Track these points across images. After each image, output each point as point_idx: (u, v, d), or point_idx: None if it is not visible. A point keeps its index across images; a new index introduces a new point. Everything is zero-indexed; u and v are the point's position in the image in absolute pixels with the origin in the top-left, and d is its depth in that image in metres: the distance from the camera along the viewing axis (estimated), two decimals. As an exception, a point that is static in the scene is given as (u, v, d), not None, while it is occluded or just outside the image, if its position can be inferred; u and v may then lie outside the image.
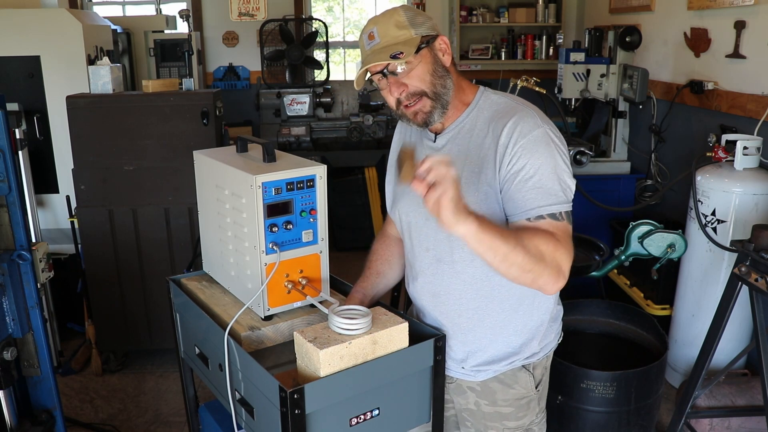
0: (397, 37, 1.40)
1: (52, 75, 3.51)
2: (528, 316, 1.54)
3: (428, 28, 1.43)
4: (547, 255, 1.31)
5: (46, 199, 3.65)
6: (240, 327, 1.54)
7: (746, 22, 3.00)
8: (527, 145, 1.37)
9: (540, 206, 1.36)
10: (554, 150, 1.39)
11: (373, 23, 1.44)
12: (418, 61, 1.41)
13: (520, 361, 1.57)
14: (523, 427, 1.62)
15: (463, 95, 1.50)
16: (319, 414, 1.31)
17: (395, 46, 1.39)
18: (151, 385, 3.19)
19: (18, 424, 1.86)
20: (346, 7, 6.76)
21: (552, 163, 1.38)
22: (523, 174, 1.37)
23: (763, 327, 2.07)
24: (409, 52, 1.38)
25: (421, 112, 1.45)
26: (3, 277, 1.77)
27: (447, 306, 1.54)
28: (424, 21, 1.43)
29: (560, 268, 1.34)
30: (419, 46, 1.40)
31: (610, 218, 3.74)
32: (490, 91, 1.52)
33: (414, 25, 1.42)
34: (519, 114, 1.41)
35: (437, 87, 1.43)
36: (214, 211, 1.69)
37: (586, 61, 3.85)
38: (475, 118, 1.48)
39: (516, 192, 1.38)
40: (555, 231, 1.35)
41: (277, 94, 5.06)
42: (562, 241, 1.35)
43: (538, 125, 1.40)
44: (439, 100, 1.44)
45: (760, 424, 2.49)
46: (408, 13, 1.43)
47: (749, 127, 2.85)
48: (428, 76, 1.42)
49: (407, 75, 1.42)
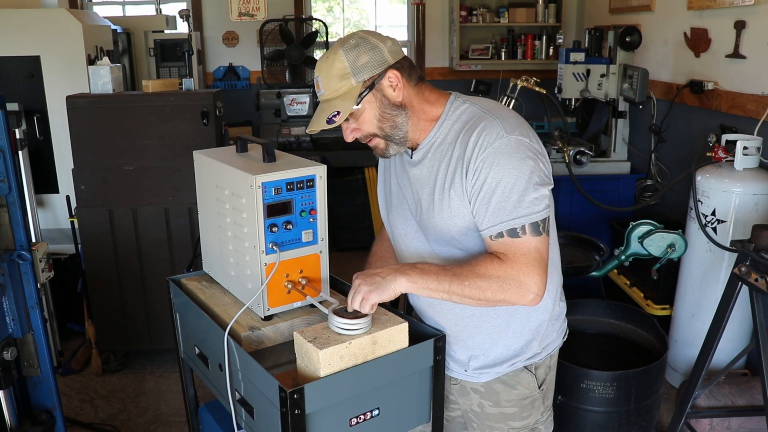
0: (337, 90, 1.41)
1: (52, 75, 3.51)
2: (525, 318, 1.55)
3: (373, 66, 1.40)
4: (494, 280, 1.35)
5: (46, 199, 3.65)
6: (240, 327, 1.54)
7: (746, 22, 3.00)
8: (487, 157, 1.36)
9: (500, 222, 1.36)
10: (518, 160, 1.36)
11: (318, 71, 1.43)
12: (363, 109, 1.43)
13: (522, 362, 1.58)
14: (529, 427, 1.63)
15: (431, 110, 1.48)
16: (319, 414, 1.31)
17: (335, 101, 1.41)
18: (151, 385, 3.19)
19: (18, 424, 1.86)
20: (346, 7, 6.76)
21: (514, 175, 1.35)
22: (485, 188, 1.37)
23: (763, 327, 2.07)
24: (348, 108, 1.40)
25: (378, 148, 1.50)
26: (3, 277, 1.77)
27: (444, 315, 1.56)
28: (368, 61, 1.40)
29: (521, 284, 1.35)
30: (361, 94, 1.41)
31: (610, 218, 3.74)
32: (460, 99, 1.49)
33: (355, 72, 1.39)
34: (483, 124, 1.39)
35: (386, 129, 1.45)
36: (214, 211, 1.69)
37: (586, 61, 3.85)
38: (446, 130, 1.46)
39: (479, 208, 1.39)
40: (507, 251, 1.36)
41: (277, 94, 5.06)
42: (515, 259, 1.35)
43: (500, 135, 1.36)
44: (392, 139, 1.47)
45: (760, 424, 2.49)
46: (350, 56, 1.39)
47: (749, 127, 2.85)
48: (375, 120, 1.45)
49: (357, 120, 1.45)
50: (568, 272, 1.70)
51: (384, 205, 1.69)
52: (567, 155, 3.66)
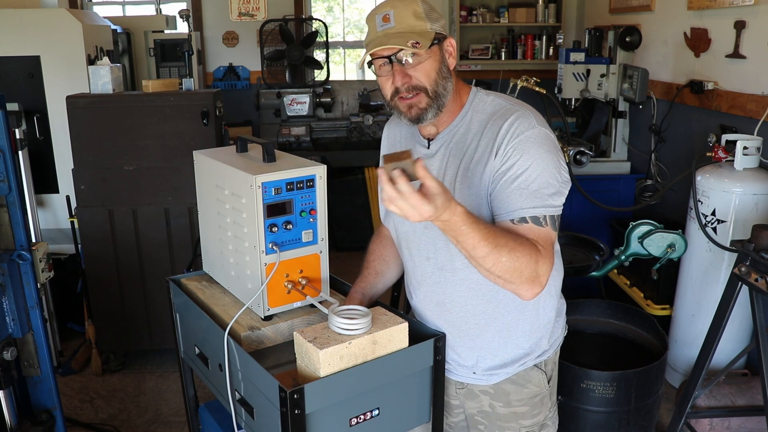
0: (413, 26, 1.37)
1: (52, 75, 3.50)
2: (535, 315, 1.54)
3: (441, 26, 1.42)
4: (526, 266, 1.30)
5: (46, 199, 3.65)
6: (240, 327, 1.54)
7: (746, 22, 3.00)
8: (518, 144, 1.36)
9: (523, 208, 1.35)
10: (546, 153, 1.37)
11: (389, 5, 1.39)
12: (428, 56, 1.39)
13: (532, 360, 1.57)
14: (539, 423, 1.62)
15: (459, 99, 1.48)
16: (319, 414, 1.31)
17: (411, 34, 1.36)
18: (151, 385, 3.19)
19: (18, 424, 1.86)
20: (346, 7, 6.75)
21: (542, 165, 1.35)
22: (510, 173, 1.36)
23: (763, 327, 2.07)
24: (425, 45, 1.36)
25: (417, 106, 1.41)
26: (3, 277, 1.77)
27: (452, 314, 1.53)
28: (438, 18, 1.42)
29: (539, 278, 1.33)
30: (432, 42, 1.38)
31: (610, 218, 3.74)
32: (483, 92, 1.50)
33: (430, 20, 1.39)
34: (516, 114, 1.40)
35: (439, 87, 1.41)
36: (214, 211, 1.69)
37: (586, 61, 3.86)
38: (469, 121, 1.46)
39: (501, 191, 1.37)
40: (537, 239, 1.34)
41: (277, 94, 5.06)
42: (543, 251, 1.33)
43: (533, 125, 1.38)
44: (437, 101, 1.42)
45: (760, 424, 2.49)
46: (425, 6, 1.41)
47: (749, 127, 2.85)
48: (434, 73, 1.40)
49: (414, 67, 1.39)
50: (568, 272, 1.69)
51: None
52: (567, 155, 3.66)
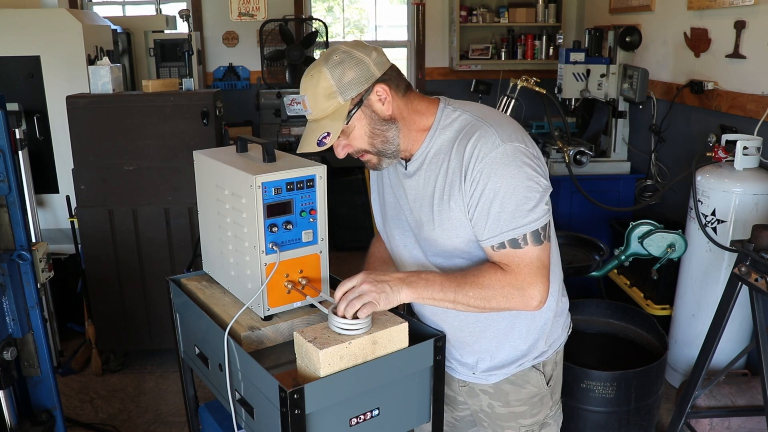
0: (325, 109, 1.37)
1: (52, 75, 3.50)
2: (530, 319, 1.55)
3: (360, 82, 1.37)
4: (498, 290, 1.36)
5: (46, 199, 3.65)
6: (240, 327, 1.54)
7: (746, 22, 3.00)
8: (484, 168, 1.35)
9: (501, 232, 1.36)
10: (515, 169, 1.35)
11: (303, 90, 1.39)
12: (353, 126, 1.41)
13: (530, 361, 1.58)
14: (539, 423, 1.64)
15: (422, 121, 1.46)
16: (319, 414, 1.31)
17: (323, 122, 1.38)
18: (151, 385, 3.19)
19: (18, 424, 1.86)
20: (346, 7, 6.75)
21: (513, 184, 1.34)
22: (483, 199, 1.36)
23: (763, 327, 2.07)
24: (338, 128, 1.37)
25: (370, 162, 1.49)
26: (3, 277, 1.77)
27: (448, 323, 1.56)
28: (354, 77, 1.36)
29: (525, 293, 1.37)
30: (350, 112, 1.38)
31: (610, 218, 3.74)
32: (451, 107, 1.46)
33: (342, 90, 1.36)
34: (478, 133, 1.37)
35: (377, 145, 1.43)
36: (214, 211, 1.69)
37: (586, 61, 3.85)
38: (440, 140, 1.44)
39: (478, 219, 1.38)
40: (509, 261, 1.37)
41: (277, 94, 5.05)
42: (518, 269, 1.36)
43: (496, 144, 1.35)
44: (384, 152, 1.45)
45: (760, 424, 2.49)
46: (335, 74, 1.35)
47: (749, 127, 2.85)
48: (365, 137, 1.42)
49: (347, 137, 1.43)
50: (568, 272, 1.70)
51: (380, 214, 1.68)
52: (567, 155, 3.66)
